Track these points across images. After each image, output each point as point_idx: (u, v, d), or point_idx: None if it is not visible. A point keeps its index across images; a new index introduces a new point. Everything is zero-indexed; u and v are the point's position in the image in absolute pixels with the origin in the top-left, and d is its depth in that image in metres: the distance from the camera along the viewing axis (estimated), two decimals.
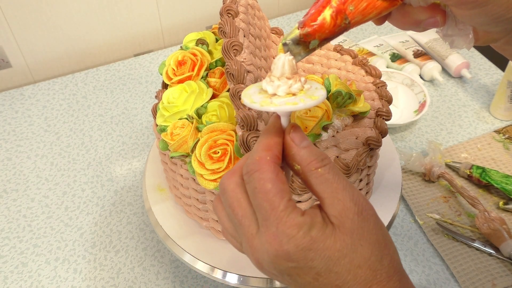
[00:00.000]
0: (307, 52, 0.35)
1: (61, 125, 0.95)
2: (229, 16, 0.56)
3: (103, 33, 1.09)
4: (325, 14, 0.34)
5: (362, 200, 0.34)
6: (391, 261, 0.34)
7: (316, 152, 0.34)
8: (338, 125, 0.58)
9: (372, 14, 0.35)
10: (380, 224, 0.34)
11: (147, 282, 0.69)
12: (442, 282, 0.68)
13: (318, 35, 0.34)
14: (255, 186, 0.33)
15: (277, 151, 0.34)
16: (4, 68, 1.04)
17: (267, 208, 0.33)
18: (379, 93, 0.63)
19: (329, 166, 0.34)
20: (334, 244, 0.33)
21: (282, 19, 1.23)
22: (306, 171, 0.34)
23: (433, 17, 0.36)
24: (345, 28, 0.35)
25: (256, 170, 0.33)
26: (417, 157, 0.80)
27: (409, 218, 0.76)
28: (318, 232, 0.33)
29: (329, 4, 0.34)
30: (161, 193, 0.67)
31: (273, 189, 0.33)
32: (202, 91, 0.59)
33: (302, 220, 0.32)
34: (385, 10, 0.35)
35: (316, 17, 0.34)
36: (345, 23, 0.34)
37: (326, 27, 0.34)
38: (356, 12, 0.34)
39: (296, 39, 0.35)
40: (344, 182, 0.34)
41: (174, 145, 0.55)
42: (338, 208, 0.33)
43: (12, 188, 0.83)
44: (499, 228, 0.69)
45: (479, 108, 0.95)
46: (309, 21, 0.34)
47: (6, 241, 0.75)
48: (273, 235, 0.33)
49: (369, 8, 0.34)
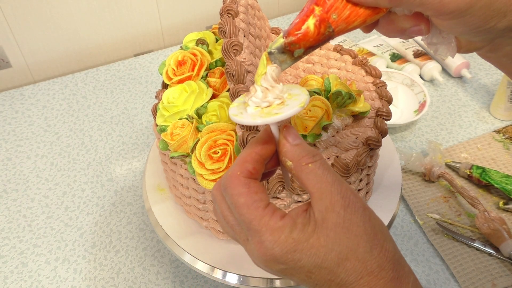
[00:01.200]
0: (292, 60, 0.36)
1: (61, 125, 0.95)
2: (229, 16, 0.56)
3: (103, 33, 1.09)
4: (309, 23, 0.34)
5: (349, 194, 0.34)
6: (382, 251, 0.34)
7: (308, 149, 0.35)
8: (338, 125, 0.58)
9: (357, 22, 0.35)
10: (369, 216, 0.35)
11: (147, 282, 0.69)
12: (442, 282, 0.68)
13: (302, 43, 0.35)
14: (230, 201, 0.35)
15: (252, 163, 0.36)
16: (4, 68, 1.04)
17: (246, 221, 0.34)
18: (379, 93, 0.63)
19: (320, 162, 0.35)
20: (317, 241, 0.33)
21: (282, 19, 1.23)
22: (297, 166, 0.35)
23: (417, 25, 0.37)
24: (329, 36, 0.35)
25: (228, 186, 0.35)
26: (417, 157, 0.80)
27: (409, 218, 0.76)
28: (300, 232, 0.34)
29: (312, 13, 0.34)
30: (161, 193, 0.67)
31: (246, 202, 0.34)
32: (202, 91, 0.59)
33: (282, 224, 0.34)
34: (370, 18, 0.35)
35: (300, 26, 0.35)
36: (329, 31, 0.35)
37: (310, 35, 0.35)
38: (340, 20, 0.35)
39: (281, 48, 0.35)
40: (333, 176, 0.35)
41: (174, 145, 0.55)
42: (326, 202, 0.34)
43: (12, 188, 0.83)
44: (499, 228, 0.69)
45: (479, 108, 0.95)
46: (293, 30, 0.35)
47: (6, 241, 0.75)
48: (258, 243, 0.34)
49: (352, 16, 0.35)
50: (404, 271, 0.35)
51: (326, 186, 0.34)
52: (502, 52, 0.38)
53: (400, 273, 0.35)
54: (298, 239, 0.33)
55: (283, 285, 0.57)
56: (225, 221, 0.37)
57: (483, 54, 0.40)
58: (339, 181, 0.35)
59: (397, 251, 0.36)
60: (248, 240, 0.35)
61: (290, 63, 0.36)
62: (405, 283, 0.35)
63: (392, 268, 0.34)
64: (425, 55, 1.03)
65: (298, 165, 0.35)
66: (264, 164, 0.37)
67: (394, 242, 0.36)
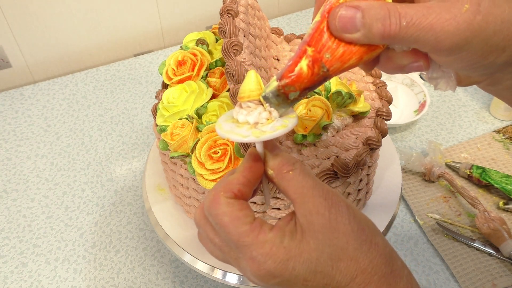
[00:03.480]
0: (288, 103, 0.35)
1: (61, 125, 0.95)
2: (229, 16, 0.56)
3: (103, 33, 1.09)
4: (302, 64, 0.34)
5: (331, 195, 0.35)
6: (372, 246, 0.34)
7: (287, 157, 0.36)
8: (338, 125, 0.58)
9: (352, 60, 0.34)
10: (353, 214, 0.35)
11: (147, 282, 0.69)
12: (442, 282, 0.68)
13: (297, 85, 0.34)
14: (215, 222, 0.35)
15: (237, 186, 0.36)
16: (4, 68, 1.04)
17: (233, 239, 0.34)
18: (379, 93, 0.63)
19: (300, 169, 0.35)
20: (307, 245, 0.33)
21: (282, 19, 1.23)
22: (278, 175, 0.36)
23: (416, 61, 0.36)
24: (324, 77, 0.34)
25: (211, 207, 0.35)
26: (417, 157, 0.80)
27: (409, 218, 0.76)
28: (290, 240, 0.34)
29: (305, 54, 0.34)
30: (161, 193, 0.67)
31: (231, 221, 0.34)
32: (202, 91, 0.59)
33: (271, 236, 0.34)
34: (366, 55, 0.34)
35: (293, 68, 0.34)
36: (323, 71, 0.34)
37: (304, 76, 0.34)
38: (334, 59, 0.34)
39: (275, 91, 0.35)
40: (313, 181, 0.35)
41: (174, 145, 0.55)
42: (309, 206, 0.34)
43: (12, 188, 0.83)
44: (499, 228, 0.69)
45: (479, 108, 0.95)
46: (286, 73, 0.34)
47: (6, 241, 0.75)
48: (250, 259, 0.34)
49: (347, 54, 0.34)
50: (397, 265, 0.35)
51: (308, 191, 0.34)
52: (502, 86, 0.37)
53: (394, 267, 0.35)
54: (289, 247, 0.33)
55: None
56: (211, 243, 0.37)
57: (483, 87, 0.39)
58: (320, 184, 0.35)
59: (387, 245, 0.36)
60: (239, 258, 0.35)
61: (287, 106, 0.36)
62: (399, 277, 0.35)
63: (385, 262, 0.34)
64: None
65: (279, 173, 0.36)
66: (254, 186, 0.37)
67: (384, 237, 0.36)
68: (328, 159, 0.54)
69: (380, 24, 0.32)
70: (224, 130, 0.35)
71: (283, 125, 0.35)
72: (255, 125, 0.35)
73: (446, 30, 0.31)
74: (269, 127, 0.35)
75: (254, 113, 0.35)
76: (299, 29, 1.19)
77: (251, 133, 0.35)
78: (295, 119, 0.36)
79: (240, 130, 0.35)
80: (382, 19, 0.32)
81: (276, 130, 0.34)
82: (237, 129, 0.35)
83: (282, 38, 0.72)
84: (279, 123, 0.35)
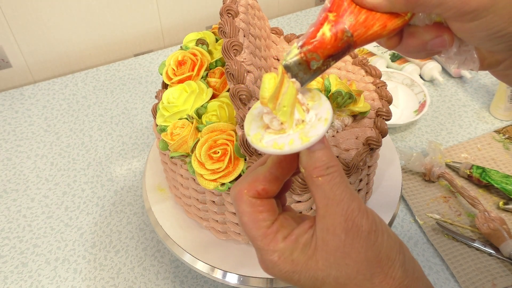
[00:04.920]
0: (310, 74, 0.33)
1: (61, 125, 0.95)
2: (229, 16, 0.56)
3: (103, 33, 1.09)
4: (324, 29, 0.32)
5: (355, 216, 0.32)
6: (386, 279, 0.32)
7: (323, 159, 0.32)
8: (338, 125, 0.58)
9: (376, 26, 0.32)
10: (374, 241, 0.32)
11: (147, 282, 0.69)
12: (442, 282, 0.68)
13: (320, 51, 0.32)
14: (237, 216, 0.35)
15: (263, 184, 0.34)
16: (4, 68, 1.04)
17: (249, 238, 0.35)
18: (379, 93, 0.63)
19: (331, 176, 0.32)
20: (316, 264, 0.33)
21: (282, 19, 1.23)
22: (308, 177, 0.33)
23: (439, 36, 0.34)
24: (348, 43, 0.32)
25: (234, 202, 0.35)
26: (417, 157, 0.80)
27: (409, 218, 0.76)
28: (300, 254, 0.33)
29: (327, 20, 0.32)
30: (161, 193, 0.67)
31: (249, 222, 0.34)
32: (202, 91, 0.59)
33: (282, 247, 0.33)
34: (390, 22, 0.33)
35: (315, 34, 0.32)
36: (347, 36, 0.32)
37: (327, 42, 0.32)
38: (357, 24, 0.32)
39: (297, 59, 0.32)
40: (341, 194, 0.32)
41: (174, 145, 0.55)
42: (328, 222, 0.32)
43: (12, 188, 0.83)
44: (499, 228, 0.69)
45: (479, 108, 0.95)
46: (308, 39, 0.32)
47: (6, 241, 0.75)
48: (260, 260, 0.34)
49: (370, 20, 0.32)
50: None
51: (332, 205, 0.32)
52: None
53: None
54: (297, 261, 0.33)
55: (283, 285, 0.57)
56: None
57: (500, 73, 0.38)
58: (347, 200, 0.32)
59: (407, 277, 0.33)
60: None
61: (309, 77, 0.33)
62: None
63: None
64: None
65: (309, 176, 0.33)
66: (282, 182, 0.35)
67: (408, 267, 0.34)
68: None
69: None
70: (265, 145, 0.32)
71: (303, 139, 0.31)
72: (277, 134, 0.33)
73: None
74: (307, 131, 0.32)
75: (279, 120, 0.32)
76: (299, 29, 1.19)
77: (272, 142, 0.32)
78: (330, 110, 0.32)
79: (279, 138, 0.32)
80: None
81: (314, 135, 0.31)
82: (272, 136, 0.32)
83: (282, 38, 0.72)
84: (316, 119, 0.32)
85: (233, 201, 0.35)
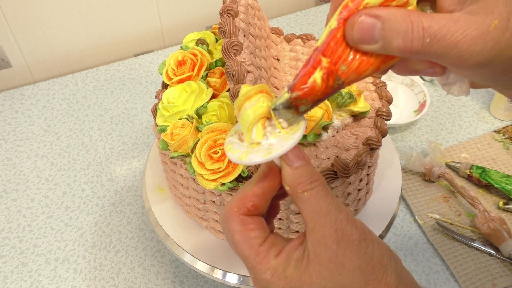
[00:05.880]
0: (298, 115, 0.34)
1: (61, 125, 0.95)
2: (229, 16, 0.56)
3: (103, 33, 1.09)
4: (316, 76, 0.31)
5: (344, 225, 0.32)
6: (380, 285, 0.33)
7: (306, 174, 0.33)
8: (338, 125, 0.58)
9: (368, 71, 0.32)
10: (365, 248, 0.33)
11: (147, 282, 0.69)
12: (442, 282, 0.68)
13: (310, 98, 0.32)
14: (227, 236, 0.35)
15: (252, 200, 0.35)
16: (4, 68, 1.04)
17: (241, 257, 0.34)
18: (379, 93, 0.63)
19: (316, 190, 0.33)
20: (310, 278, 0.33)
21: (282, 19, 1.23)
22: (293, 193, 0.33)
23: (431, 67, 0.34)
24: (338, 89, 0.32)
25: (225, 221, 0.35)
26: (417, 157, 0.80)
27: (409, 218, 0.76)
28: (293, 270, 0.33)
29: (319, 65, 0.31)
30: (161, 193, 0.67)
31: (240, 240, 0.34)
32: (202, 91, 0.59)
33: (275, 264, 0.33)
34: (383, 65, 0.32)
35: (306, 80, 0.32)
36: (338, 83, 0.32)
37: (317, 89, 0.32)
38: (349, 71, 0.31)
39: (286, 103, 0.33)
40: (328, 206, 0.33)
41: (174, 145, 0.55)
42: (318, 235, 0.32)
43: (12, 188, 0.83)
44: (499, 228, 0.69)
45: (479, 108, 0.95)
46: (299, 84, 0.32)
47: (6, 241, 0.75)
48: (254, 280, 0.34)
49: (363, 65, 0.32)
50: None
51: (320, 218, 0.32)
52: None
53: None
54: (291, 277, 0.33)
55: None
56: None
57: (497, 90, 0.38)
58: (335, 211, 0.33)
59: (400, 282, 0.33)
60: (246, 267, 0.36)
61: (296, 117, 0.34)
62: None
63: None
64: None
65: (294, 192, 0.33)
66: (270, 197, 0.35)
67: (400, 272, 0.34)
68: (328, 159, 0.54)
69: (401, 39, 0.30)
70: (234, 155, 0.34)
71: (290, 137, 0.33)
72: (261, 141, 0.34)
73: (472, 49, 0.29)
74: (276, 142, 0.33)
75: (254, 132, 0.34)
76: (299, 29, 1.19)
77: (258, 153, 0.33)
78: (303, 127, 0.34)
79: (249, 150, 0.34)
80: (403, 33, 0.30)
81: (282, 146, 0.32)
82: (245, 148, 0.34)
83: (282, 38, 0.72)
84: (287, 135, 0.33)
85: (223, 221, 0.35)
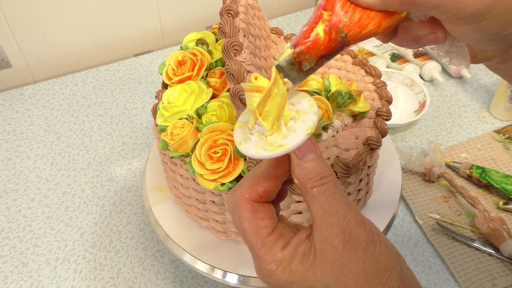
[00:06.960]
0: (303, 73, 0.32)
1: (61, 125, 0.95)
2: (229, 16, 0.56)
3: (103, 33, 1.09)
4: (318, 30, 0.31)
5: (352, 226, 0.32)
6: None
7: (317, 170, 0.32)
8: (338, 125, 0.58)
9: (370, 25, 0.32)
10: (371, 251, 0.32)
11: (147, 282, 0.69)
12: (442, 282, 0.68)
13: (313, 52, 0.31)
14: (237, 222, 0.35)
15: (263, 185, 0.34)
16: (4, 68, 1.04)
17: (248, 245, 0.34)
18: (379, 93, 0.63)
19: (326, 186, 0.32)
20: (314, 275, 0.33)
21: (282, 19, 1.23)
22: (302, 188, 0.33)
23: (433, 33, 0.34)
24: (342, 43, 0.32)
25: (235, 207, 0.34)
26: (417, 157, 0.80)
27: (409, 218, 0.76)
28: (298, 264, 0.33)
29: (321, 19, 0.31)
30: (161, 193, 0.67)
31: (249, 229, 0.33)
32: (202, 91, 0.59)
33: (281, 256, 0.33)
34: (385, 21, 0.32)
35: (309, 34, 0.31)
36: (341, 36, 0.31)
37: (320, 43, 0.31)
38: (351, 24, 0.31)
39: (289, 59, 0.32)
40: (337, 205, 0.32)
41: (174, 145, 0.55)
42: (325, 233, 0.32)
43: (12, 188, 0.83)
44: (499, 228, 0.69)
45: (479, 108, 0.95)
46: (301, 39, 0.32)
47: (6, 241, 0.75)
48: (257, 269, 0.34)
49: (365, 19, 0.32)
50: None
51: (328, 216, 0.32)
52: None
53: None
54: (295, 271, 0.33)
55: None
56: None
57: (492, 66, 0.38)
58: (343, 211, 0.32)
59: (404, 287, 0.33)
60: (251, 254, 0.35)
61: (301, 77, 0.33)
62: None
63: None
64: (425, 55, 1.03)
65: (303, 187, 0.33)
66: (281, 182, 0.35)
67: (404, 276, 0.34)
68: (328, 159, 0.54)
69: None
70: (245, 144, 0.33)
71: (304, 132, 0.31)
72: None
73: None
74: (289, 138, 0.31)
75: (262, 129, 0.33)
76: (299, 29, 1.19)
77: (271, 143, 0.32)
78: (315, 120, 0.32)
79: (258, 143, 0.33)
80: None
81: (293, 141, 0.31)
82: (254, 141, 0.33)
83: (282, 38, 0.72)
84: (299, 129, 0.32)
85: (232, 207, 0.35)
